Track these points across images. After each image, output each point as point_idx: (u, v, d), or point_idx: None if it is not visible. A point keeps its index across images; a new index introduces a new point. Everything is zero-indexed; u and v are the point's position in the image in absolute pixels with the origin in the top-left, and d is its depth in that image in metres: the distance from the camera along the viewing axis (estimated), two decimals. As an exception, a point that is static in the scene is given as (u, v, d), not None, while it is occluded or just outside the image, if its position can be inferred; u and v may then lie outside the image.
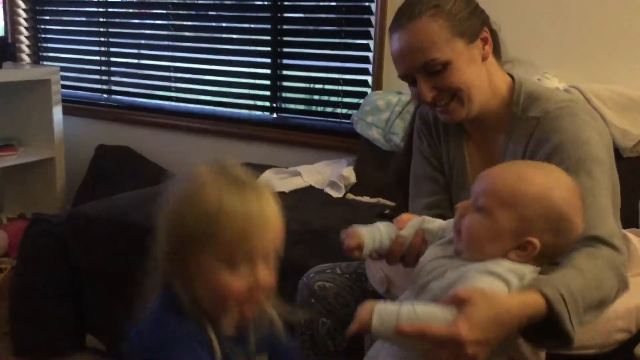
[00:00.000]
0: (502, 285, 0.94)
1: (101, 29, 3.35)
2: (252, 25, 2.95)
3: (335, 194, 2.33)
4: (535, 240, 0.95)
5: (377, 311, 0.92)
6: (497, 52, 1.31)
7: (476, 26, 1.23)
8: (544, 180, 0.98)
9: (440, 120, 1.37)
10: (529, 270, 0.97)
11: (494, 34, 1.28)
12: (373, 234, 1.11)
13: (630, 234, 1.46)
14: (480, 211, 0.98)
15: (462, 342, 0.87)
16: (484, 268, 0.94)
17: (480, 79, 1.24)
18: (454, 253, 1.02)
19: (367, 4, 2.58)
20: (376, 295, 1.29)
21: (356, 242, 1.10)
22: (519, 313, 0.91)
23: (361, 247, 1.10)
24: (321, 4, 2.75)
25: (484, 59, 1.25)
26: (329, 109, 2.82)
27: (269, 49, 2.86)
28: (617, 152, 1.75)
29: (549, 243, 0.97)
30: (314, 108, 2.92)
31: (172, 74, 3.18)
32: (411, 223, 1.13)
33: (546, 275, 0.98)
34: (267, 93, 2.93)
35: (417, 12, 1.19)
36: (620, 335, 1.26)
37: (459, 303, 0.90)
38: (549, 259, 1.01)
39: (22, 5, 3.49)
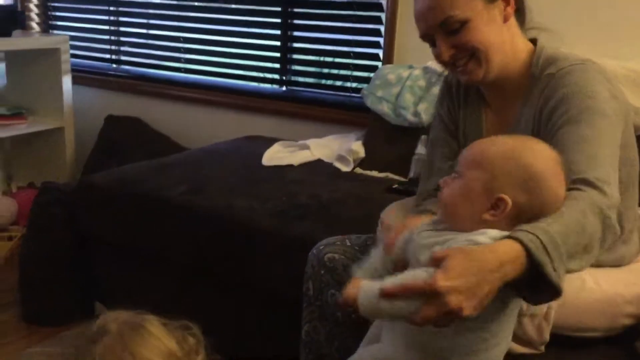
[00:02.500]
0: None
1: (111, -2, 3.33)
2: (263, -4, 2.92)
3: (344, 168, 2.32)
4: (506, 197, 0.97)
5: (362, 285, 0.97)
6: (521, 16, 1.30)
7: None
8: (513, 144, 1.02)
9: (462, 86, 1.38)
10: None
11: None
12: (372, 277, 1.09)
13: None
14: (455, 177, 1.03)
15: (440, 291, 0.87)
16: (465, 237, 0.96)
17: (500, 39, 1.23)
18: (438, 222, 1.05)
19: (379, -24, 2.55)
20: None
21: None
22: (497, 259, 0.90)
23: None
24: (333, -25, 2.72)
25: (505, 20, 1.24)
26: (338, 83, 2.79)
27: (279, 20, 2.84)
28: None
29: (520, 202, 0.97)
30: (323, 81, 2.90)
31: (181, 45, 3.16)
32: (401, 241, 1.11)
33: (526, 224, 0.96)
34: (277, 65, 2.91)
35: None
36: (628, 320, 1.25)
37: (438, 262, 0.91)
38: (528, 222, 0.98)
39: (31, -28, 3.48)
